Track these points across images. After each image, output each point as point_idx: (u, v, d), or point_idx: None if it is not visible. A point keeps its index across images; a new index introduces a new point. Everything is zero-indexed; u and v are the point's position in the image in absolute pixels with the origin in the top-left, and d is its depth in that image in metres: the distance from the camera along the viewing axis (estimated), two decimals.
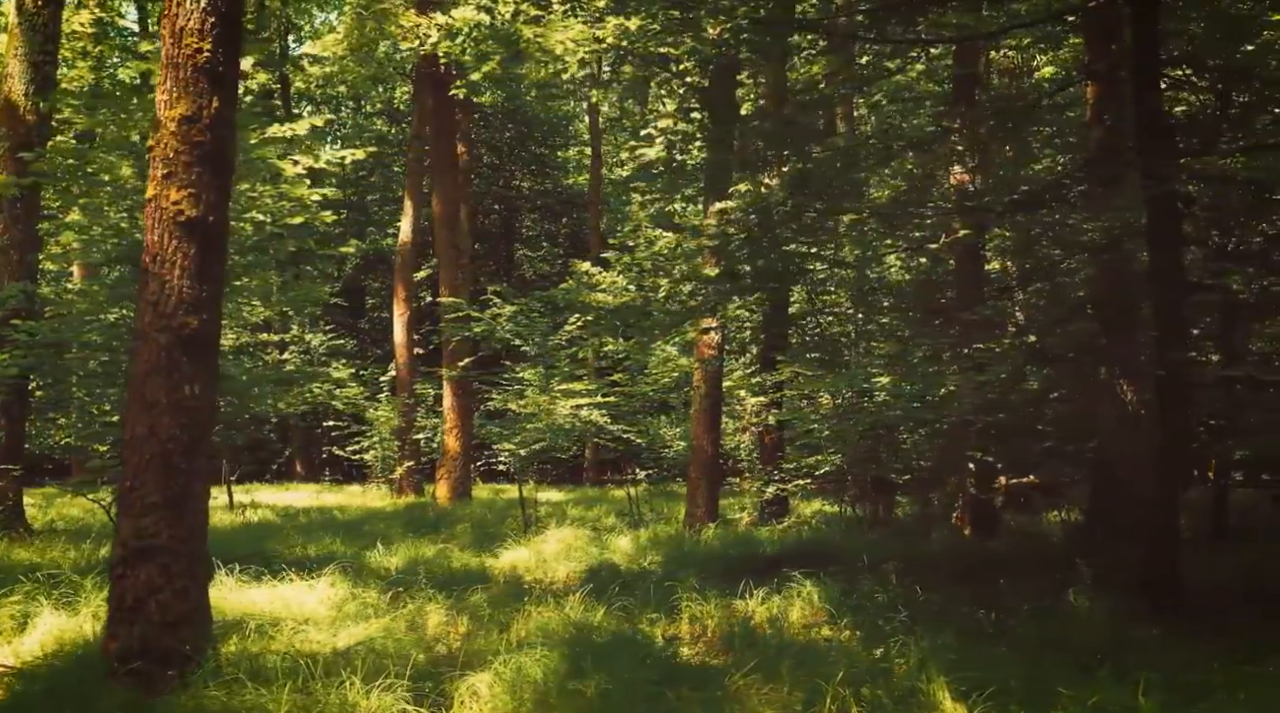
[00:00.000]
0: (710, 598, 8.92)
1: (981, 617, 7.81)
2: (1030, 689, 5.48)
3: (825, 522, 16.13)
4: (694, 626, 8.49)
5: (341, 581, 8.70)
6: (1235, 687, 5.29)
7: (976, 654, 6.61)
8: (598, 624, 7.57)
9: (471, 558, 12.61)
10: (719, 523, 14.35)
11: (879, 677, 5.83)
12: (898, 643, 7.17)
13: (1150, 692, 5.15)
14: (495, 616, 8.25)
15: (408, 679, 5.93)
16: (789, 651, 6.98)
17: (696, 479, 14.40)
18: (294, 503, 22.29)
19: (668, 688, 5.76)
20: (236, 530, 15.30)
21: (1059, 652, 6.47)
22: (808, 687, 5.79)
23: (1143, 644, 6.73)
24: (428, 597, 8.97)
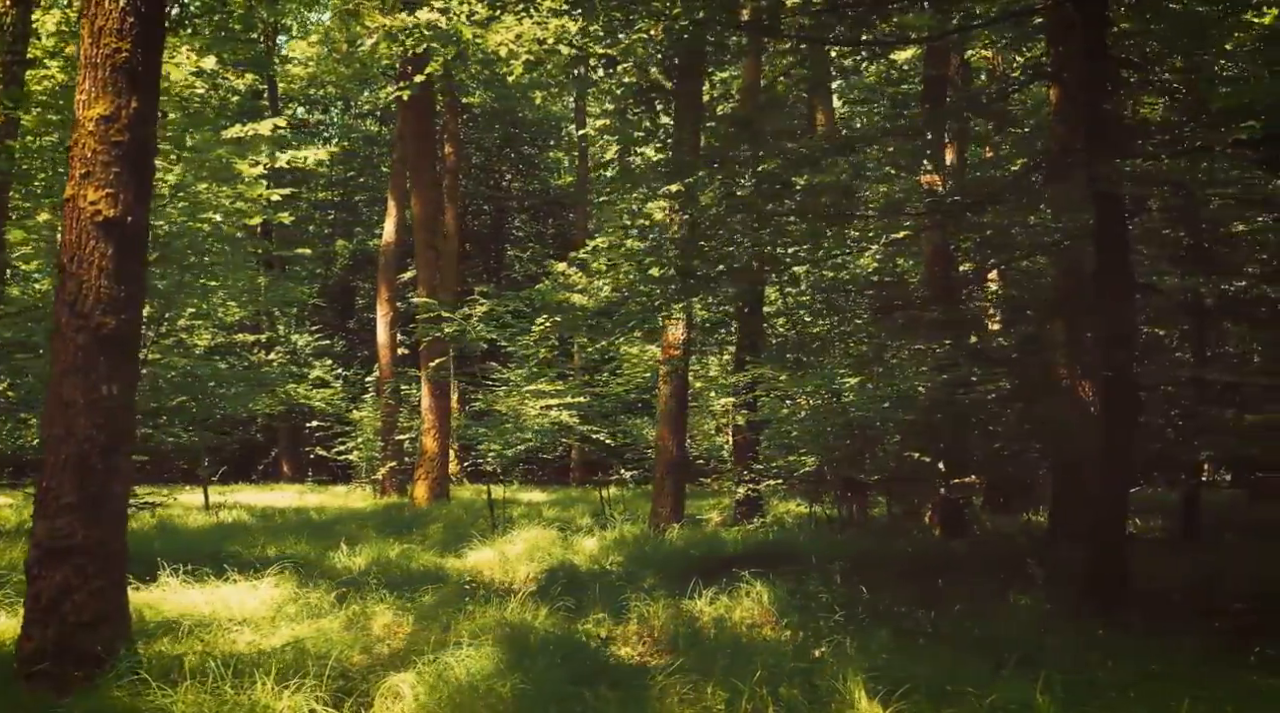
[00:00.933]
0: (658, 599, 8.94)
1: (920, 616, 7.83)
2: (943, 688, 5.49)
3: (799, 522, 16.15)
4: (641, 626, 8.49)
5: (287, 582, 8.69)
6: (1129, 685, 5.30)
7: (906, 653, 6.63)
8: (536, 625, 7.57)
9: (435, 559, 12.61)
10: (684, 523, 14.35)
11: (800, 676, 5.83)
12: (833, 643, 7.21)
13: (1050, 690, 5.16)
14: (441, 616, 8.25)
15: (334, 679, 5.95)
16: (726, 650, 6.99)
17: (661, 480, 14.41)
18: (274, 504, 22.24)
19: (589, 687, 5.76)
20: (205, 531, 15.29)
21: (986, 651, 6.47)
22: (730, 687, 5.79)
23: (1068, 643, 6.74)
24: (379, 597, 8.99)
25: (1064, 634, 7.09)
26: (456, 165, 34.94)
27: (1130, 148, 7.69)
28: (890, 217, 10.00)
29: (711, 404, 16.98)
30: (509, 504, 21.25)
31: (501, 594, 10.28)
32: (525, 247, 42.09)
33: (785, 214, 11.42)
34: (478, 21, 10.72)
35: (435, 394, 20.96)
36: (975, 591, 8.81)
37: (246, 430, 33.76)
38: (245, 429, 33.56)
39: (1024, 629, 7.14)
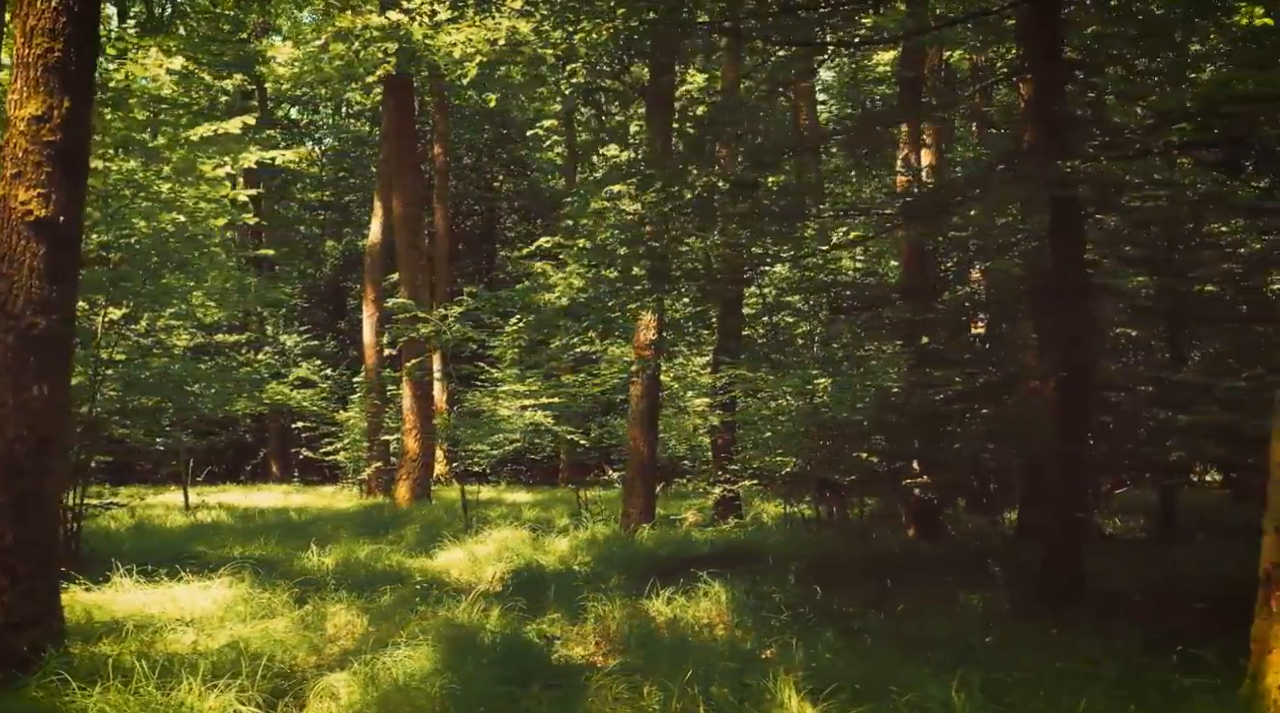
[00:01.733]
0: (615, 599, 8.94)
1: (870, 616, 7.84)
2: (872, 686, 5.49)
3: (777, 523, 16.16)
4: (596, 626, 8.50)
5: (241, 582, 8.68)
6: (1045, 684, 5.32)
7: (849, 653, 6.64)
8: (485, 625, 7.58)
9: (405, 559, 12.61)
10: (655, 524, 14.36)
11: (733, 676, 5.83)
12: (780, 643, 7.22)
13: (967, 688, 5.17)
14: (395, 616, 8.25)
15: (271, 679, 5.95)
16: (673, 650, 7.00)
17: (632, 480, 14.42)
18: (259, 504, 22.23)
19: (522, 687, 5.77)
20: (179, 532, 15.30)
21: (927, 650, 6.47)
22: (666, 686, 5.79)
23: (1010, 642, 6.75)
24: (338, 598, 8.99)
25: (1010, 634, 7.09)
26: (446, 165, 34.86)
27: (1081, 149, 7.69)
28: (850, 217, 10.02)
29: (688, 404, 16.96)
30: (493, 505, 21.26)
31: (462, 595, 10.33)
32: (517, 247, 42.10)
33: (756, 214, 11.46)
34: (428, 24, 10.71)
35: (417, 395, 20.96)
36: (931, 591, 8.82)
37: (235, 431, 33.78)
38: (234, 430, 33.59)
39: (969, 629, 7.15)
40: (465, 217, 41.34)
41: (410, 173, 21.91)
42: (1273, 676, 4.89)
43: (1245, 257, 9.95)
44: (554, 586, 10.10)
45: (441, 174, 34.52)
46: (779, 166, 10.87)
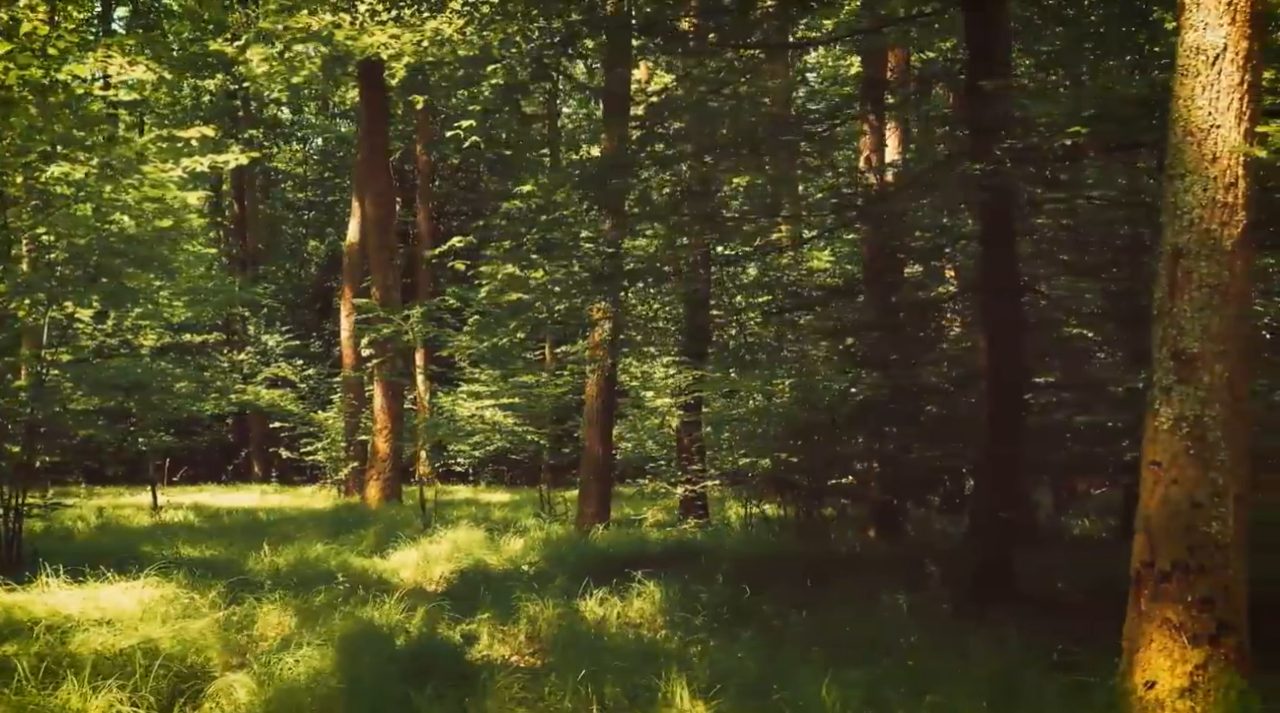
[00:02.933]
0: (549, 599, 8.98)
1: (792, 617, 7.88)
2: (768, 686, 5.54)
3: (742, 523, 16.18)
4: (528, 626, 8.54)
5: (169, 582, 8.69)
6: (920, 681, 5.37)
7: (759, 653, 6.67)
8: (405, 625, 7.60)
9: (358, 559, 12.64)
10: (611, 524, 14.38)
11: (629, 675, 5.86)
12: (699, 642, 7.27)
13: (841, 686, 5.22)
14: (321, 616, 8.27)
15: (173, 679, 5.98)
16: (591, 650, 7.04)
17: (588, 481, 14.44)
18: (232, 504, 22.23)
19: (421, 686, 5.79)
20: (140, 532, 15.31)
21: (833, 649, 6.52)
22: (565, 685, 5.82)
23: (920, 642, 6.78)
24: (273, 598, 9.00)
25: (925, 633, 7.13)
26: (429, 165, 34.90)
27: (1007, 151, 7.72)
28: (768, 218, 10.07)
29: (651, 402, 16.98)
30: (466, 505, 21.28)
31: (401, 595, 10.38)
32: (499, 247, 42.07)
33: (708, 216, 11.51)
34: (350, 26, 10.73)
35: (388, 395, 20.95)
36: (863, 591, 8.84)
37: (217, 431, 33.80)
38: (216, 430, 33.60)
39: (884, 629, 7.18)
40: (452, 217, 41.31)
41: (380, 174, 21.90)
42: (1139, 674, 4.92)
43: None
44: (496, 586, 10.14)
45: (424, 174, 34.54)
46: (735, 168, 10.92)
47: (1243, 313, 4.98)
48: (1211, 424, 4.91)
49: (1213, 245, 4.98)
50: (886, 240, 11.83)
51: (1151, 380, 5.13)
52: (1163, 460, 5.00)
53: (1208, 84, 5.03)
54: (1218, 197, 4.98)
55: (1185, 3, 5.16)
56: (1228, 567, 4.88)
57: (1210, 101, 5.02)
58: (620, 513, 18.11)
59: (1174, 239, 5.09)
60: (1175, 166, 5.13)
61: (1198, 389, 4.94)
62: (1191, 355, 4.97)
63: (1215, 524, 4.87)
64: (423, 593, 11.00)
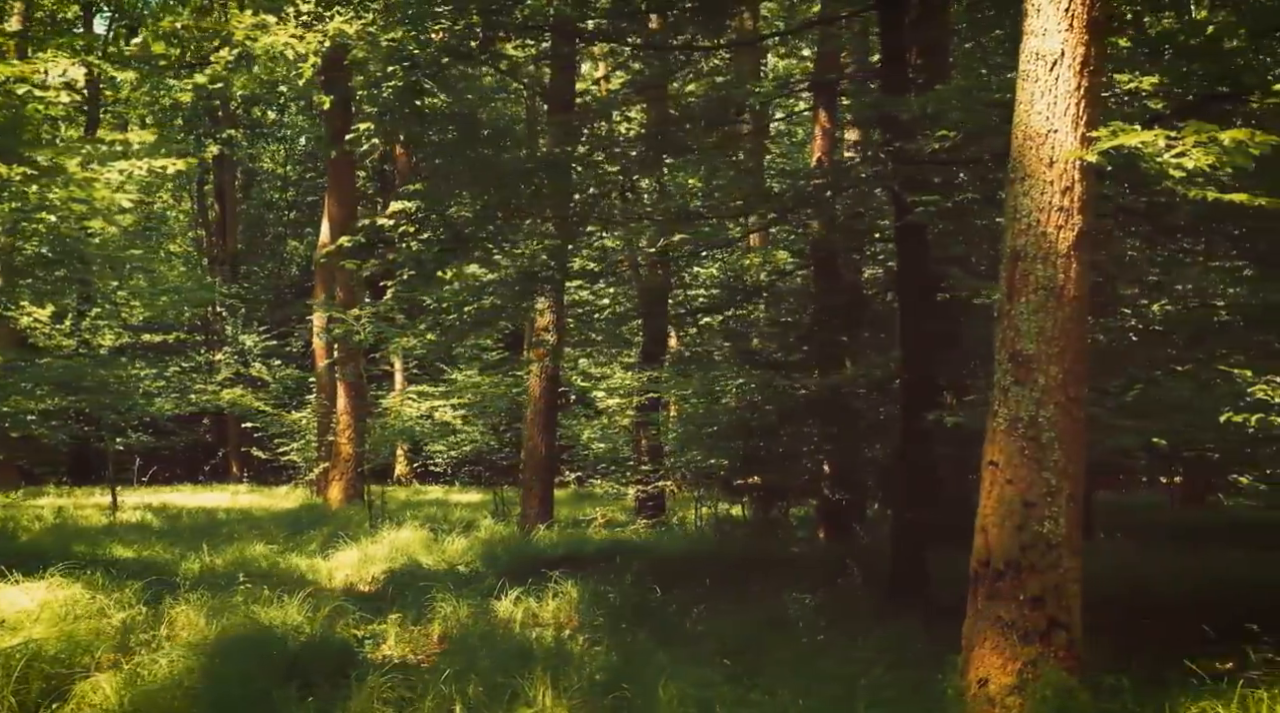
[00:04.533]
0: (465, 599, 9.04)
1: (695, 615, 7.94)
2: (636, 684, 5.61)
3: (696, 523, 16.25)
4: (438, 626, 8.60)
5: (74, 583, 8.73)
6: (768, 677, 5.45)
7: (645, 654, 6.73)
8: (304, 625, 7.65)
9: (298, 559, 12.68)
10: (553, 524, 14.44)
11: (500, 674, 5.92)
12: (594, 641, 7.35)
13: (671, 684, 5.30)
14: (225, 616, 8.31)
15: (47, 680, 6.04)
16: (487, 649, 7.11)
17: (530, 480, 14.49)
18: (198, 504, 22.24)
19: (281, 686, 5.85)
20: (90, 532, 15.35)
21: (722, 650, 6.61)
22: (432, 685, 5.88)
23: (810, 642, 6.86)
24: (189, 598, 9.03)
25: (816, 633, 7.21)
26: (409, 167, 34.91)
27: (915, 152, 7.79)
28: (678, 218, 10.14)
29: (603, 403, 17.05)
30: (431, 505, 21.34)
31: (329, 595, 10.44)
32: None
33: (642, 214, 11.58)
34: (249, 25, 10.75)
35: (350, 396, 20.96)
36: (773, 590, 8.90)
37: (194, 431, 33.82)
38: (192, 430, 33.63)
39: (771, 630, 7.25)
40: None
41: (345, 174, 21.94)
42: (973, 672, 4.98)
43: None
44: (424, 586, 10.17)
45: (403, 175, 34.52)
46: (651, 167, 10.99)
47: (1078, 315, 5.03)
48: (1046, 425, 4.97)
49: (1049, 248, 5.03)
50: (816, 240, 11.89)
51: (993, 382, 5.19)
52: (999, 461, 5.06)
53: (1046, 89, 5.08)
54: (1054, 200, 5.04)
55: (1028, 9, 5.22)
56: (1059, 565, 4.94)
57: (1048, 106, 5.08)
58: (575, 513, 18.19)
59: (1013, 242, 5.15)
60: (1016, 170, 5.19)
61: (1033, 390, 5.00)
62: (1028, 357, 5.03)
63: (1048, 524, 4.93)
64: (353, 593, 11.05)
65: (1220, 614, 8.17)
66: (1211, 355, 6.07)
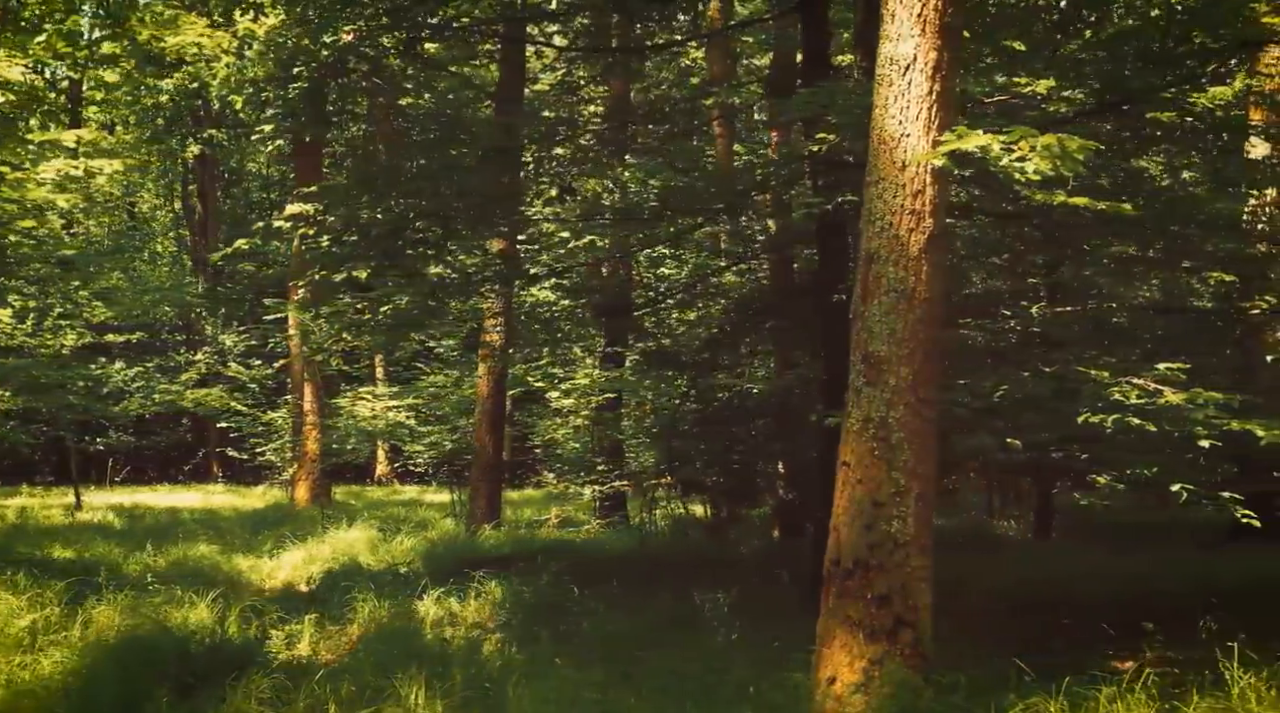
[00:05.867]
0: (387, 600, 9.11)
1: (602, 616, 8.01)
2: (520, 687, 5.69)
3: (649, 523, 16.28)
4: (362, 627, 8.67)
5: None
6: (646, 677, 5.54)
7: (540, 653, 6.83)
8: (212, 626, 7.71)
9: (243, 560, 12.75)
10: (499, 524, 14.51)
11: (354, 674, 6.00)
12: (505, 642, 7.43)
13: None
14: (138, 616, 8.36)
15: None
16: (389, 649, 7.18)
17: (478, 480, 14.56)
18: (171, 504, 22.29)
19: (175, 688, 5.92)
20: (47, 531, 15.42)
21: (600, 647, 6.67)
22: (304, 685, 5.94)
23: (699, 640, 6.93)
24: (109, 598, 9.07)
25: (712, 634, 7.27)
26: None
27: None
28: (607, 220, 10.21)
29: (557, 403, 17.10)
30: (400, 505, 21.40)
31: (263, 594, 10.54)
32: None
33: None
34: (154, 25, 10.78)
35: (316, 395, 21.00)
36: (693, 590, 8.95)
37: (175, 431, 33.87)
38: (173, 429, 33.68)
39: (660, 632, 7.32)
40: None
41: (311, 173, 21.96)
42: (824, 670, 5.03)
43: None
44: (358, 585, 10.23)
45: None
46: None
47: (929, 317, 5.08)
48: (895, 425, 5.03)
49: (901, 250, 5.09)
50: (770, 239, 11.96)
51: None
52: (851, 461, 5.12)
53: (899, 93, 5.14)
54: (906, 203, 5.09)
55: (884, 14, 5.27)
56: (906, 565, 4.99)
57: (901, 110, 5.13)
58: (540, 513, 18.25)
59: (867, 244, 5.20)
60: (871, 173, 5.24)
61: (883, 391, 5.06)
62: (879, 358, 5.08)
63: (896, 523, 4.98)
64: (289, 593, 11.13)
65: (1132, 613, 8.29)
66: (1080, 357, 6.11)
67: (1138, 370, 5.53)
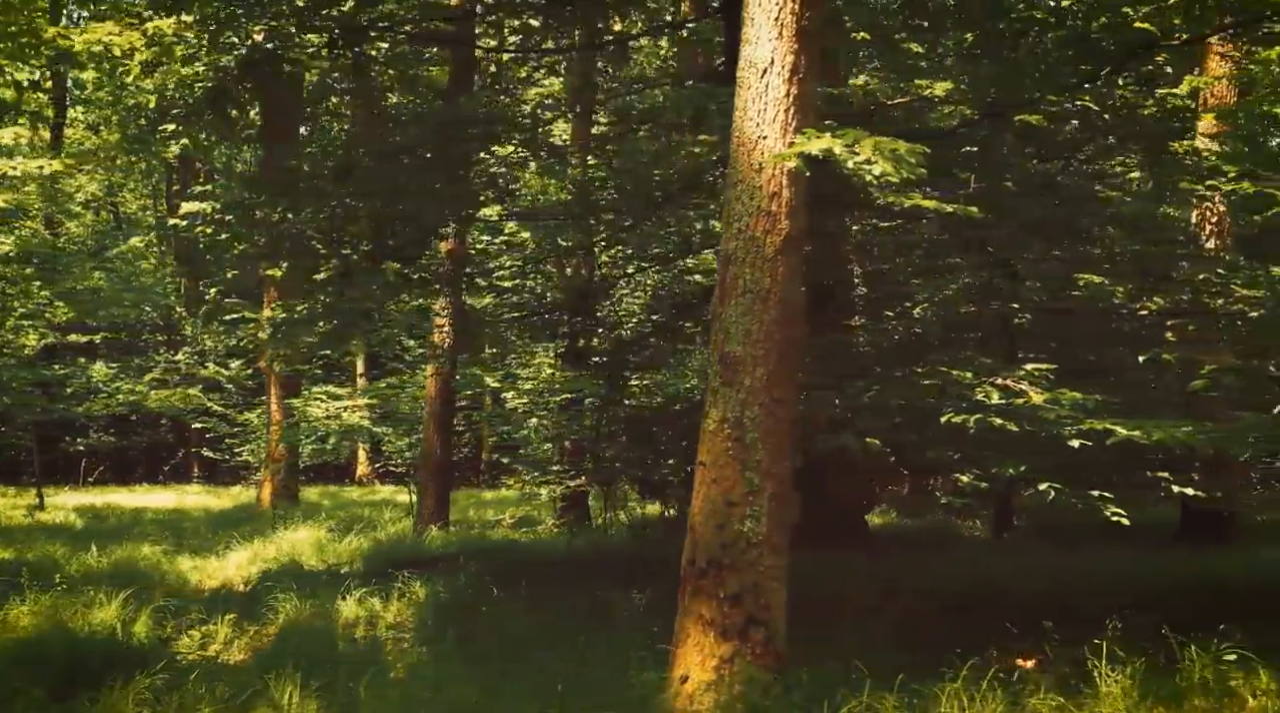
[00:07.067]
0: (309, 600, 9.14)
1: (514, 618, 8.05)
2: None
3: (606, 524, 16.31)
4: (280, 627, 8.70)
5: None
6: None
7: (447, 653, 6.89)
8: (114, 626, 7.74)
9: (187, 560, 12.77)
10: (446, 524, 14.55)
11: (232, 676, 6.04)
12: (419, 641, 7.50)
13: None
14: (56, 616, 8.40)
15: None
16: (293, 651, 7.22)
17: (426, 481, 14.59)
18: (143, 504, 22.30)
19: (50, 689, 5.95)
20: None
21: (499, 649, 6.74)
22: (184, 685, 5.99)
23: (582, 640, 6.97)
24: (36, 600, 9.10)
25: (607, 632, 7.31)
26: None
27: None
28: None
29: (512, 403, 17.12)
30: (375, 506, 21.38)
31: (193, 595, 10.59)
32: None
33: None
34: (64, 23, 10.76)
35: (281, 396, 21.00)
36: (613, 589, 9.00)
37: (156, 431, 33.90)
38: (154, 430, 33.72)
39: (583, 630, 7.36)
40: None
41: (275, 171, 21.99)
42: (678, 669, 5.07)
43: None
44: (290, 585, 10.27)
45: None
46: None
47: (785, 318, 5.12)
48: (750, 425, 5.06)
49: (757, 252, 5.12)
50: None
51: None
52: (707, 461, 5.15)
53: (757, 96, 5.17)
54: (762, 205, 5.13)
55: (744, 18, 5.30)
56: (759, 564, 5.03)
57: (759, 113, 5.16)
58: (500, 514, 18.29)
59: (725, 246, 5.24)
60: (731, 176, 5.28)
61: (739, 391, 5.09)
62: (735, 358, 5.12)
63: (749, 523, 5.02)
64: (223, 593, 11.15)
65: (1050, 611, 8.33)
66: (956, 359, 6.15)
67: (1003, 372, 5.56)
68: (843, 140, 4.64)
